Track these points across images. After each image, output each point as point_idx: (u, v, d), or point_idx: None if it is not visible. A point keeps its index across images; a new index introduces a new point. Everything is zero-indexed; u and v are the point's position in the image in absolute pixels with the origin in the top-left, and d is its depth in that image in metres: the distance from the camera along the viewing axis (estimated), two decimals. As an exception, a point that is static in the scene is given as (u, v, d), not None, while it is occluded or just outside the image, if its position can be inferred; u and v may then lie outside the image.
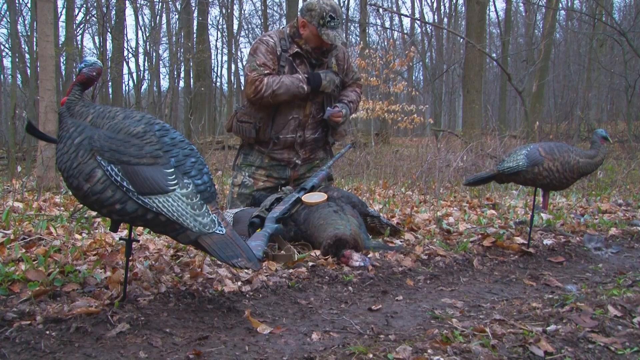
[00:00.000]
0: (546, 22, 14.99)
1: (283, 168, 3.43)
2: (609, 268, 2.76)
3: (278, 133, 3.34)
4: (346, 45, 3.30)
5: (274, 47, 3.27)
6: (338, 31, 3.21)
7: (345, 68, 3.48)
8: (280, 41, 3.30)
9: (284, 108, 3.30)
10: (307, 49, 3.28)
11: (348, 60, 3.51)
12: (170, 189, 1.66)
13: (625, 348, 1.51)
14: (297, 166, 3.43)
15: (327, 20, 3.17)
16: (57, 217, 3.00)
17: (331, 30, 3.19)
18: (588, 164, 3.15)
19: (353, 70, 3.57)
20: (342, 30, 3.25)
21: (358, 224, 2.72)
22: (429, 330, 1.64)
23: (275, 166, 3.43)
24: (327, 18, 3.17)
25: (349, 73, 3.54)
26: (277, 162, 3.42)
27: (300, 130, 3.36)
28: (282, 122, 3.33)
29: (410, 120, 11.66)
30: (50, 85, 4.87)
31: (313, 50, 3.29)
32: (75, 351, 1.44)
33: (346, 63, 3.49)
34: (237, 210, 3.13)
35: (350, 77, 3.55)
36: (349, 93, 3.52)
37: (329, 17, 3.17)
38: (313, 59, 3.31)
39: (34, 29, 12.16)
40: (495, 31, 25.76)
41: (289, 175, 3.44)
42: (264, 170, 3.42)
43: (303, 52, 3.28)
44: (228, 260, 1.69)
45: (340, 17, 3.21)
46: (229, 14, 22.23)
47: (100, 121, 1.71)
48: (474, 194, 5.44)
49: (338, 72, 3.41)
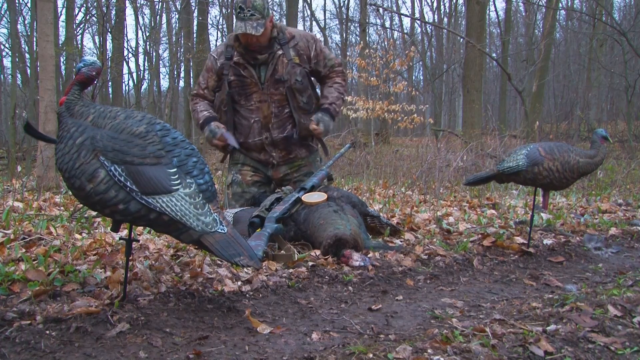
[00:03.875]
0: (546, 21, 14.99)
1: (264, 166, 3.45)
2: (609, 268, 2.76)
3: (247, 137, 3.34)
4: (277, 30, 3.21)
5: (213, 62, 3.31)
6: (247, 22, 3.05)
7: (312, 57, 3.31)
8: (227, 49, 3.28)
9: (243, 112, 3.33)
10: (240, 51, 3.22)
11: (316, 48, 3.33)
12: (174, 189, 1.66)
13: (625, 348, 1.50)
14: (276, 166, 3.42)
15: (238, 11, 3.09)
16: (57, 217, 3.00)
17: (240, 22, 3.08)
18: (588, 164, 3.14)
19: (327, 57, 3.37)
20: (256, 21, 3.07)
21: (358, 223, 2.72)
22: (429, 330, 1.64)
23: (257, 163, 3.45)
24: (237, 9, 3.09)
25: (321, 61, 3.35)
26: (256, 160, 3.44)
27: (266, 131, 3.32)
28: (246, 126, 3.34)
29: (410, 120, 11.66)
30: (50, 85, 4.87)
31: (245, 50, 3.21)
32: (75, 351, 1.44)
33: (312, 51, 3.31)
34: (237, 210, 3.13)
35: (323, 66, 3.37)
36: (328, 91, 3.37)
37: (239, 7, 3.07)
38: (251, 60, 3.22)
39: (34, 29, 12.16)
40: (495, 31, 25.78)
41: (271, 174, 3.44)
42: (249, 167, 3.45)
43: (240, 58, 3.23)
44: (230, 258, 1.70)
45: (252, 8, 3.05)
46: (229, 13, 22.20)
47: (102, 121, 1.71)
48: (474, 193, 5.44)
49: (300, 63, 3.27)
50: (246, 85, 3.27)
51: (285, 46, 3.25)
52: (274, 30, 3.24)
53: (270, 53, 3.22)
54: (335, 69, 3.42)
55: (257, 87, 3.26)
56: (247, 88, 3.28)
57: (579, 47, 21.16)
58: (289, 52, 3.25)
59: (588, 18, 15.84)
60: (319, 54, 3.34)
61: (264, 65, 3.25)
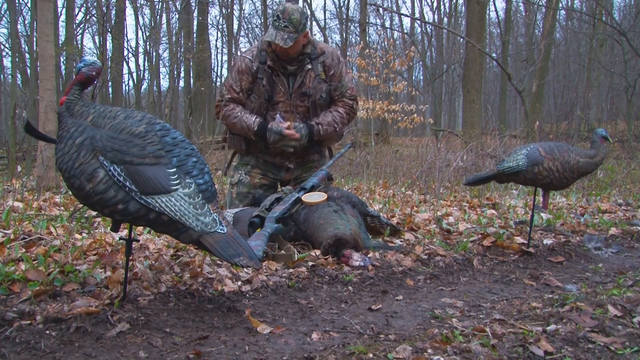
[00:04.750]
0: (546, 21, 14.99)
1: (277, 169, 3.45)
2: (609, 268, 2.76)
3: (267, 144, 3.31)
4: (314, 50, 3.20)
5: (249, 65, 3.24)
6: (279, 32, 3.07)
7: (331, 75, 3.31)
8: (260, 53, 3.25)
9: (268, 118, 3.29)
10: (272, 57, 3.23)
11: (337, 70, 3.31)
12: (173, 189, 1.66)
13: (625, 348, 1.51)
14: (291, 169, 3.44)
15: (274, 19, 3.11)
16: (57, 217, 3.00)
17: (272, 29, 3.10)
18: (588, 164, 3.14)
19: (342, 83, 3.33)
20: (288, 34, 3.07)
21: (358, 223, 2.72)
22: (429, 330, 1.64)
23: (270, 166, 3.44)
24: (274, 17, 3.12)
25: (338, 87, 3.33)
26: (271, 164, 3.43)
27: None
28: None
29: (410, 120, 11.66)
30: (50, 85, 4.87)
31: (276, 57, 3.22)
32: (75, 351, 1.44)
33: (332, 70, 3.30)
34: (237, 210, 3.13)
35: (335, 89, 3.33)
36: (326, 114, 3.32)
37: (276, 16, 3.10)
38: (281, 69, 3.24)
39: (34, 29, 12.15)
40: (495, 31, 25.77)
41: (283, 176, 3.46)
42: (260, 170, 3.44)
43: (273, 64, 3.23)
44: (230, 259, 1.69)
45: (288, 20, 3.06)
46: (229, 13, 22.23)
47: (102, 121, 1.71)
48: (474, 193, 5.44)
49: (326, 80, 3.28)
50: (275, 93, 3.27)
51: (315, 61, 3.27)
52: (307, 46, 3.25)
53: (299, 65, 3.25)
54: (344, 99, 3.37)
55: (285, 96, 3.27)
56: (275, 96, 3.27)
57: (579, 47, 21.16)
58: (317, 67, 3.28)
59: (588, 18, 15.85)
60: (336, 75, 3.32)
61: (292, 76, 3.27)
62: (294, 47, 3.15)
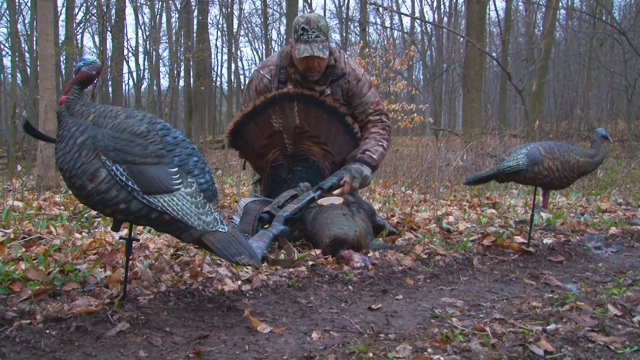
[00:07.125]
0: (546, 21, 14.98)
1: None
2: (608, 267, 2.76)
3: None
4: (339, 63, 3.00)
5: (268, 85, 3.07)
6: (313, 44, 2.85)
7: (351, 96, 3.12)
8: (280, 70, 3.07)
9: None
10: (296, 78, 3.02)
11: (358, 89, 3.10)
12: (175, 188, 1.67)
13: (625, 347, 1.51)
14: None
15: (300, 33, 2.86)
16: (57, 216, 3.00)
17: (303, 44, 2.86)
18: (588, 163, 3.14)
19: (362, 100, 3.10)
20: (322, 43, 2.86)
21: (366, 227, 2.72)
22: (429, 329, 1.64)
23: None
24: (299, 31, 2.87)
25: (359, 105, 3.11)
26: None
27: None
28: None
29: (410, 120, 11.64)
30: (50, 84, 4.87)
31: (302, 78, 3.01)
32: (75, 350, 1.44)
33: (353, 91, 3.11)
34: (249, 200, 3.06)
35: (356, 106, 3.12)
36: (364, 142, 3.08)
37: (301, 29, 2.86)
38: (307, 89, 3.02)
39: (33, 28, 12.15)
40: (495, 30, 25.78)
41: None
42: None
43: (293, 84, 3.02)
44: (231, 257, 1.70)
45: (317, 29, 2.86)
46: (229, 13, 22.24)
47: (103, 120, 1.71)
48: (474, 193, 5.44)
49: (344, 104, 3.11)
50: None
51: (335, 83, 3.09)
52: (331, 57, 3.04)
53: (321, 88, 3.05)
54: (370, 118, 3.16)
55: None
56: None
57: (579, 47, 21.17)
58: (337, 92, 3.11)
59: (588, 17, 15.83)
60: (356, 95, 3.13)
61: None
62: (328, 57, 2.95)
